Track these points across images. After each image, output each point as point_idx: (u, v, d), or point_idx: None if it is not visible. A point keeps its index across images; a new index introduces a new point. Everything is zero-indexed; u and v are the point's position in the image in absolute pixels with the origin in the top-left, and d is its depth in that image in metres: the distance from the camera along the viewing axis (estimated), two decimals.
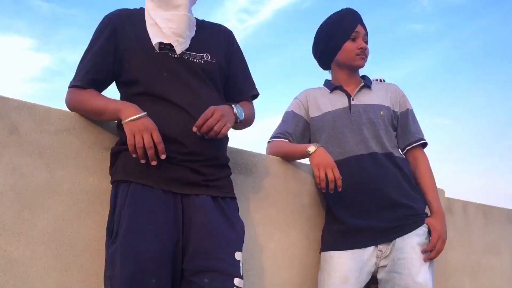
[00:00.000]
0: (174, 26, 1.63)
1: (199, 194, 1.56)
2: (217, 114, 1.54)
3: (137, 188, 1.50)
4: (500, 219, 3.55)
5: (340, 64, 2.29)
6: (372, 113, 2.20)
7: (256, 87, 1.90)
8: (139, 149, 1.47)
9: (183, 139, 1.55)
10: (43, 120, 1.56)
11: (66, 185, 1.57)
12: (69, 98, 1.64)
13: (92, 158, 1.64)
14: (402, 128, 2.30)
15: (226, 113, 1.59)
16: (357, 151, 2.14)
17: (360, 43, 2.23)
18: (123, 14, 1.72)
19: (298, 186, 2.22)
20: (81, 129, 1.64)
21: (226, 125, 1.56)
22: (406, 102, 2.33)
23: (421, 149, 2.30)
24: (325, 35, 2.30)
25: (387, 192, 2.08)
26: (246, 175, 2.03)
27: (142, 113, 1.50)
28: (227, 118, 1.58)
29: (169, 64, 1.63)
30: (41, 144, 1.54)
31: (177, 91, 1.60)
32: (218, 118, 1.54)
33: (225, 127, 1.56)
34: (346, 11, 2.30)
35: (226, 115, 1.58)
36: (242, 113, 1.69)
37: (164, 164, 1.52)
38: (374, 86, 2.32)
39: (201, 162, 1.58)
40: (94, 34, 1.70)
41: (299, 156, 2.15)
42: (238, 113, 1.67)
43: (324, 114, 2.24)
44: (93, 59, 1.64)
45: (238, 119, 1.67)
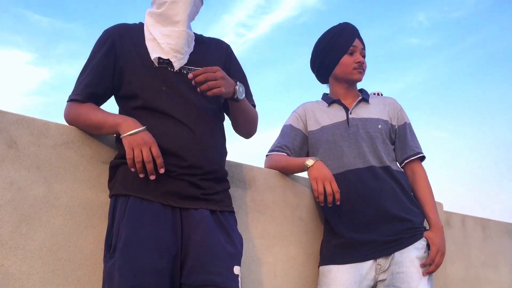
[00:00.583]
0: (173, 42, 1.64)
1: (198, 208, 1.55)
2: (218, 74, 1.56)
3: (135, 201, 1.50)
4: (498, 233, 3.55)
5: (338, 78, 2.30)
6: (370, 127, 2.20)
7: (253, 98, 1.91)
8: (138, 163, 1.47)
9: (182, 152, 1.55)
10: (41, 134, 1.56)
11: (63, 199, 1.56)
12: (67, 112, 1.64)
13: (90, 171, 1.64)
14: (400, 141, 2.30)
15: (227, 80, 1.60)
16: (355, 164, 2.14)
17: (358, 57, 2.25)
18: (122, 28, 1.73)
19: (297, 199, 2.22)
20: (80, 142, 1.64)
21: (220, 88, 1.56)
22: (403, 115, 2.34)
23: (419, 162, 2.30)
24: (323, 49, 2.31)
25: (386, 205, 2.08)
26: (245, 189, 2.03)
27: (141, 127, 1.50)
28: (225, 84, 1.59)
29: (168, 78, 1.64)
30: (39, 158, 1.54)
31: (176, 105, 1.61)
32: (217, 77, 1.55)
33: (218, 89, 1.56)
34: (343, 26, 2.32)
35: (226, 81, 1.59)
36: (243, 93, 1.68)
37: (163, 178, 1.52)
38: (372, 99, 2.33)
39: (200, 176, 1.58)
40: (93, 48, 1.70)
41: (297, 170, 2.15)
42: (238, 90, 1.65)
43: (322, 128, 2.24)
44: (92, 73, 1.65)
45: (235, 94, 1.65)
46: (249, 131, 1.88)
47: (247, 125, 1.85)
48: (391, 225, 2.07)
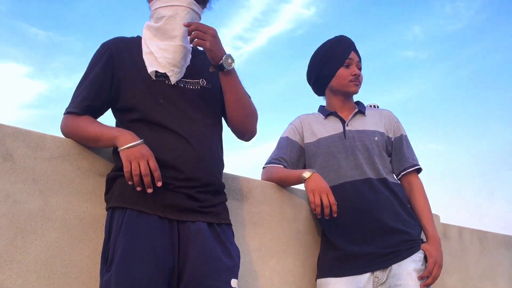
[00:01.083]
0: (170, 56, 1.65)
1: (195, 221, 1.55)
2: (210, 31, 1.60)
3: (132, 214, 1.49)
4: (495, 245, 3.54)
5: (334, 90, 2.31)
6: (366, 139, 2.21)
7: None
8: (135, 177, 1.47)
9: (179, 165, 1.55)
10: (37, 146, 1.56)
11: (59, 211, 1.56)
12: (64, 125, 1.64)
13: (86, 184, 1.63)
14: (396, 153, 2.30)
15: (217, 43, 1.62)
16: (352, 176, 2.15)
17: (354, 69, 2.26)
18: (120, 42, 1.73)
19: (294, 212, 2.21)
20: (76, 155, 1.63)
21: (204, 42, 1.59)
22: (400, 127, 2.35)
23: (416, 174, 2.31)
24: (319, 62, 2.32)
25: (383, 218, 2.08)
26: (242, 201, 2.02)
27: (138, 140, 1.50)
28: (213, 43, 1.60)
29: (165, 91, 1.64)
30: (35, 170, 1.54)
31: (173, 117, 1.61)
32: (207, 33, 1.59)
33: (202, 41, 1.59)
34: (339, 39, 2.33)
35: (215, 42, 1.61)
36: (231, 64, 1.65)
37: (160, 191, 1.51)
38: (368, 112, 2.34)
39: (197, 188, 1.57)
40: (91, 61, 1.71)
41: (294, 182, 2.15)
42: (225, 59, 1.63)
43: (318, 140, 2.25)
44: (89, 86, 1.65)
45: (222, 62, 1.63)
46: (245, 125, 1.77)
47: (240, 112, 1.74)
48: (389, 237, 2.07)
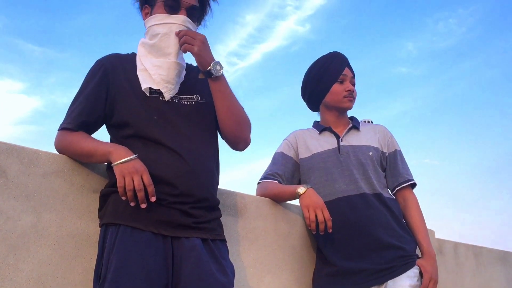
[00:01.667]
0: (164, 72, 1.66)
1: (189, 237, 1.54)
2: (198, 37, 1.62)
3: (126, 231, 1.48)
4: (491, 260, 3.54)
5: (328, 106, 2.32)
6: (361, 154, 2.21)
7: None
8: (129, 192, 1.46)
9: (173, 180, 1.54)
10: (31, 162, 1.55)
11: (52, 228, 1.54)
12: (58, 140, 1.64)
13: (80, 201, 1.62)
14: (391, 168, 2.31)
15: (206, 48, 1.64)
16: (347, 191, 2.14)
17: (348, 85, 2.28)
18: (115, 58, 1.74)
19: (288, 227, 2.21)
20: (70, 171, 1.62)
21: (192, 46, 1.61)
22: (394, 143, 2.35)
23: (410, 189, 2.31)
24: (314, 78, 2.34)
25: (378, 233, 2.07)
26: (236, 217, 2.02)
27: (132, 155, 1.50)
28: (201, 49, 1.62)
29: (159, 107, 1.64)
30: (28, 187, 1.53)
31: (167, 133, 1.61)
32: (195, 38, 1.62)
33: (190, 45, 1.62)
34: (333, 55, 2.35)
35: (203, 47, 1.63)
36: (220, 71, 1.66)
37: (154, 207, 1.51)
38: (362, 127, 2.35)
39: (191, 204, 1.57)
40: (86, 77, 1.71)
41: (289, 197, 2.15)
42: (213, 65, 1.64)
43: (313, 155, 2.25)
44: (84, 102, 1.65)
45: (210, 68, 1.64)
46: (237, 133, 1.74)
47: (231, 119, 1.72)
48: (384, 253, 2.06)
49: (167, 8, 1.69)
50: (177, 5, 1.69)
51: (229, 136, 1.75)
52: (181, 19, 1.67)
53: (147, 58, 1.70)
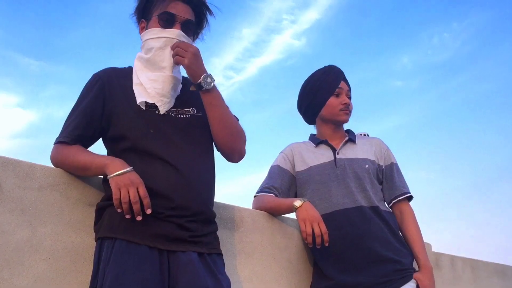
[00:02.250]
0: (159, 86, 1.66)
1: (186, 251, 1.53)
2: (190, 49, 1.62)
3: (122, 244, 1.47)
4: (488, 273, 3.53)
5: (324, 119, 2.33)
6: (357, 167, 2.21)
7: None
8: (125, 204, 1.46)
9: (170, 193, 1.54)
10: (27, 176, 1.54)
11: (47, 242, 1.53)
12: (54, 154, 1.63)
13: (75, 214, 1.62)
14: (387, 181, 2.31)
15: (197, 61, 1.63)
16: (344, 204, 2.14)
17: (344, 98, 2.29)
18: (111, 72, 1.75)
19: (285, 241, 2.20)
20: (66, 185, 1.62)
21: (183, 58, 1.62)
22: (390, 155, 2.36)
23: (407, 202, 2.31)
24: (310, 91, 2.34)
25: (374, 247, 2.07)
26: (233, 230, 2.01)
27: (128, 168, 1.50)
28: (192, 61, 1.62)
29: (155, 121, 1.65)
30: (24, 200, 1.52)
31: (163, 147, 1.61)
32: (187, 50, 1.62)
33: (181, 58, 1.62)
34: (329, 68, 2.36)
35: (194, 60, 1.63)
36: (210, 84, 1.65)
37: (150, 220, 1.50)
38: (359, 140, 2.35)
39: (188, 218, 1.56)
40: (82, 91, 1.72)
41: (286, 211, 2.14)
42: (204, 78, 1.64)
43: (309, 168, 2.25)
44: (80, 115, 1.65)
45: (201, 81, 1.64)
46: (231, 144, 1.74)
47: (224, 131, 1.72)
48: (380, 266, 2.05)
49: (162, 23, 1.70)
50: (172, 19, 1.70)
51: (223, 148, 1.75)
52: (176, 33, 1.68)
53: (143, 72, 1.70)
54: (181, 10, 1.71)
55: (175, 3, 1.71)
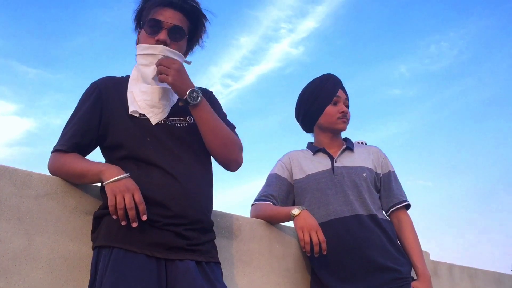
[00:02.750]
0: (148, 98, 1.67)
1: (183, 259, 1.52)
2: (173, 66, 1.60)
3: (119, 253, 1.47)
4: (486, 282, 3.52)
5: (322, 127, 2.33)
6: (355, 175, 2.22)
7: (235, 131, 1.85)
8: (120, 210, 1.45)
9: (167, 202, 1.54)
10: (24, 184, 1.54)
11: (44, 251, 1.53)
12: (51, 162, 1.63)
13: (72, 223, 1.61)
14: (385, 190, 2.31)
15: (181, 77, 1.62)
16: (342, 213, 2.14)
17: (341, 107, 2.29)
18: (109, 81, 1.75)
19: (283, 249, 2.19)
20: (63, 193, 1.61)
21: (166, 76, 1.60)
22: (388, 164, 2.36)
23: (405, 210, 2.31)
24: (307, 99, 2.35)
25: (373, 255, 2.07)
26: (230, 239, 2.00)
27: (124, 174, 1.50)
28: (176, 78, 1.60)
29: (152, 129, 1.65)
30: (20, 209, 1.51)
31: (160, 155, 1.61)
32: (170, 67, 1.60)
33: (164, 75, 1.60)
34: (327, 77, 2.37)
35: (179, 76, 1.61)
36: (197, 98, 1.63)
37: (147, 229, 1.50)
38: (356, 148, 2.35)
39: (185, 226, 1.56)
40: (80, 100, 1.72)
41: (283, 219, 2.14)
42: (190, 93, 1.62)
43: (307, 176, 2.25)
44: (77, 124, 1.66)
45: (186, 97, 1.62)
46: (226, 154, 1.73)
47: (217, 143, 1.70)
48: (378, 275, 2.05)
49: (149, 30, 1.70)
50: (158, 25, 1.69)
51: (219, 158, 1.74)
52: (159, 49, 1.66)
53: (137, 83, 1.71)
54: (168, 17, 1.70)
55: (164, 10, 1.71)
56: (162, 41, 1.67)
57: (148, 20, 1.70)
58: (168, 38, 1.69)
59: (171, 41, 1.69)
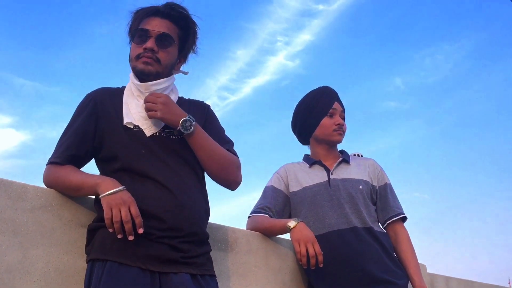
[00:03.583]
0: (143, 110, 1.67)
1: (178, 272, 1.51)
2: (159, 100, 1.61)
3: (113, 266, 1.46)
4: None
5: (318, 139, 2.34)
6: (351, 188, 2.22)
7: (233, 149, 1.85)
8: (116, 223, 1.44)
9: (161, 215, 1.53)
10: (19, 197, 1.53)
11: (39, 264, 1.51)
12: (46, 175, 1.63)
13: (68, 235, 1.60)
14: (381, 202, 2.31)
15: (170, 109, 1.62)
16: (338, 225, 2.14)
17: (337, 119, 2.30)
18: (104, 92, 1.75)
19: (279, 262, 2.18)
20: (58, 206, 1.61)
21: (155, 112, 1.60)
22: (384, 176, 2.36)
23: (401, 223, 2.31)
24: (304, 112, 2.36)
25: (369, 268, 2.06)
26: (226, 251, 1.99)
27: (120, 187, 1.49)
28: (165, 111, 1.61)
29: (147, 141, 1.64)
30: (15, 222, 1.50)
31: (155, 167, 1.60)
32: (156, 102, 1.61)
33: (153, 112, 1.61)
34: (323, 89, 2.38)
35: (167, 109, 1.61)
36: (189, 128, 1.63)
37: (142, 241, 1.49)
38: (352, 160, 2.36)
39: (180, 239, 1.55)
40: (75, 111, 1.72)
41: (280, 231, 2.13)
42: (183, 123, 1.62)
43: (304, 189, 2.25)
44: (72, 136, 1.65)
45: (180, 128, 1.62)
46: (224, 176, 1.74)
47: (214, 166, 1.72)
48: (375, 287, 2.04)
49: (137, 40, 1.71)
50: (145, 35, 1.70)
51: (217, 180, 1.76)
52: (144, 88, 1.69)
53: (134, 96, 1.71)
54: (155, 25, 1.71)
55: (151, 19, 1.73)
56: (149, 49, 1.68)
57: (136, 30, 1.72)
58: (155, 46, 1.69)
59: (159, 48, 1.70)
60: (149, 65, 1.68)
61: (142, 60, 1.68)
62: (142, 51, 1.68)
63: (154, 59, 1.68)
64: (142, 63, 1.68)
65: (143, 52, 1.68)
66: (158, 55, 1.69)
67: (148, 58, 1.68)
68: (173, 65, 1.78)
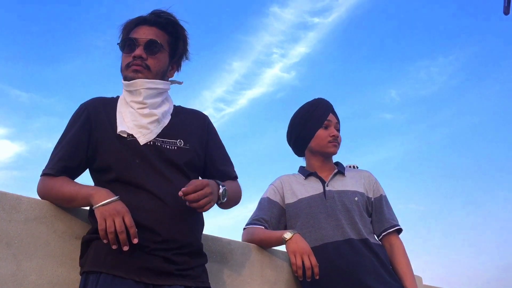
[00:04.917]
0: (137, 119, 1.67)
1: (172, 285, 1.50)
2: (207, 191, 1.54)
3: (107, 279, 1.44)
4: None
5: (313, 151, 2.34)
6: (346, 199, 2.22)
7: (234, 169, 1.90)
8: (110, 234, 1.43)
9: (156, 226, 1.52)
10: (13, 208, 1.52)
11: (32, 276, 1.50)
12: (40, 186, 1.62)
13: (61, 247, 1.59)
14: (376, 214, 2.31)
15: (214, 191, 1.59)
16: (333, 237, 2.13)
17: (332, 131, 2.30)
18: (98, 102, 1.75)
19: (275, 274, 2.17)
20: (52, 217, 1.60)
21: (210, 204, 1.57)
22: (379, 188, 2.36)
23: (397, 235, 2.30)
24: (299, 123, 2.36)
25: (365, 280, 2.05)
26: (222, 263, 1.98)
27: (114, 197, 1.48)
28: (214, 197, 1.59)
29: (141, 151, 1.63)
30: (9, 234, 1.49)
31: (149, 178, 1.59)
32: (206, 194, 1.53)
33: (209, 205, 1.56)
34: (318, 101, 2.39)
35: (214, 194, 1.59)
36: (225, 196, 1.66)
37: (136, 253, 1.48)
38: (348, 172, 2.36)
39: (174, 251, 1.54)
40: (69, 122, 1.72)
41: (275, 243, 2.13)
42: (222, 195, 1.64)
43: (299, 200, 2.25)
44: (66, 146, 1.64)
45: (219, 200, 1.64)
46: (232, 206, 1.87)
47: (231, 205, 1.85)
48: None
49: (126, 49, 1.72)
50: (133, 43, 1.71)
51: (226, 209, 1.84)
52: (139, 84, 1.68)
53: (128, 105, 1.71)
54: (143, 33, 1.72)
55: (139, 28, 1.74)
56: (138, 57, 1.69)
57: (124, 40, 1.73)
58: (144, 53, 1.69)
59: (148, 55, 1.70)
60: (139, 72, 1.68)
61: (132, 68, 1.69)
62: (132, 60, 1.69)
63: (143, 66, 1.69)
64: (132, 71, 1.69)
65: (132, 60, 1.69)
66: (148, 62, 1.70)
67: (137, 66, 1.68)
68: (164, 72, 1.77)
